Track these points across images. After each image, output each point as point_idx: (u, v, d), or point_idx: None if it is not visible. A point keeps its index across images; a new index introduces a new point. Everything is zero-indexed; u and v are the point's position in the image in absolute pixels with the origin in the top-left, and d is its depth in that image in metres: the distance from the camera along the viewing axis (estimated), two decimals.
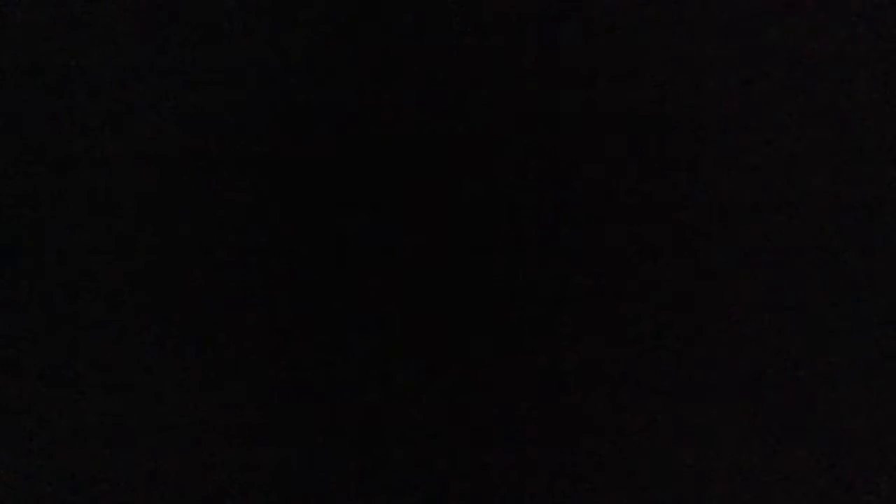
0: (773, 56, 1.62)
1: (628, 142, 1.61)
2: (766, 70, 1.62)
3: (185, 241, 1.62)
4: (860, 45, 1.62)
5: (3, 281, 1.61)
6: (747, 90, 1.62)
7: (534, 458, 1.59)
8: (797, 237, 1.60)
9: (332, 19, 1.63)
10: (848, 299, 1.59)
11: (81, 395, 1.60)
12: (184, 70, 1.63)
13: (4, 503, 1.58)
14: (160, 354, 1.60)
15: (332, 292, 1.62)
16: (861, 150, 1.61)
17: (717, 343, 1.59)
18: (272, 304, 1.61)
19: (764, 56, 1.62)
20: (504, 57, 1.63)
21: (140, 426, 1.59)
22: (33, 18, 1.62)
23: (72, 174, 1.62)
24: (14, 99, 1.62)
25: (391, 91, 1.63)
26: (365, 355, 1.61)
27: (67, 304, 1.61)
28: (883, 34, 1.61)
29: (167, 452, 1.59)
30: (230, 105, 1.62)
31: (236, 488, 1.59)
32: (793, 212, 1.60)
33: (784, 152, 1.61)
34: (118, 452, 1.59)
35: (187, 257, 1.62)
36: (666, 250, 1.60)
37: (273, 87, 1.63)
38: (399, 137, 1.63)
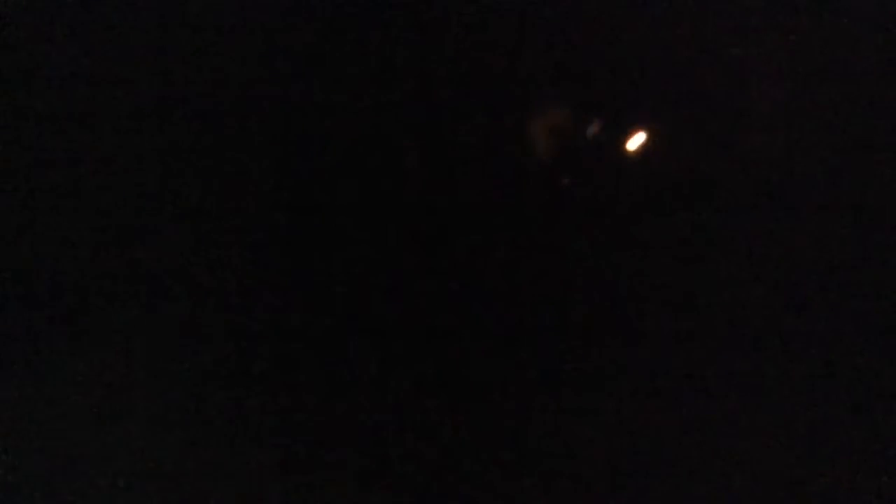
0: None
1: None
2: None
3: (184, 240, 1.62)
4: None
5: (3, 281, 1.61)
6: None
7: (533, 457, 1.59)
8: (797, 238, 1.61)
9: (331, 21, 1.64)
10: (848, 300, 1.59)
11: (81, 394, 1.60)
12: (183, 70, 1.63)
13: (4, 503, 1.59)
14: (160, 354, 1.61)
15: (330, 289, 1.62)
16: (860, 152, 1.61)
17: (717, 343, 1.60)
18: (272, 304, 1.62)
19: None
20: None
21: (139, 426, 1.60)
22: (33, 18, 1.63)
23: (72, 173, 1.63)
24: (14, 99, 1.63)
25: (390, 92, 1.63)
26: (363, 355, 1.61)
27: (67, 304, 1.61)
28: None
29: (166, 452, 1.60)
30: (230, 105, 1.63)
31: (236, 487, 1.59)
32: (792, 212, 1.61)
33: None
34: (117, 452, 1.60)
35: (187, 256, 1.62)
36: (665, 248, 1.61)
37: (273, 88, 1.63)
38: (398, 136, 1.64)
